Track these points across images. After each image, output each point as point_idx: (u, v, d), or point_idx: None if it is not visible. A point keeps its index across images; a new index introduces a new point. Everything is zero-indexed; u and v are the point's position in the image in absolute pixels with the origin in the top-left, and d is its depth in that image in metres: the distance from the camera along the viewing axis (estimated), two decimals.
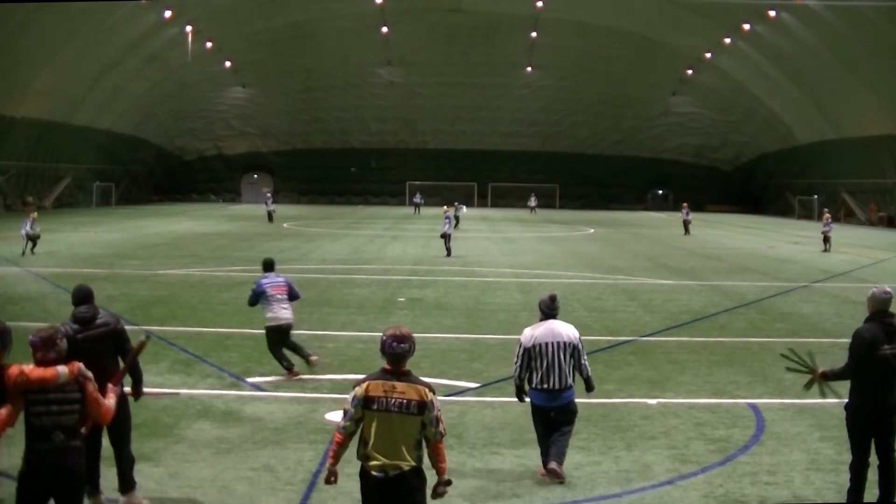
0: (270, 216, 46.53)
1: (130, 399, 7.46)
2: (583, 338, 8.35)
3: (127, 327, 7.47)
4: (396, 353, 5.44)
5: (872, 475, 7.21)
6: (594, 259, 29.32)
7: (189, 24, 57.71)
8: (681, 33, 62.32)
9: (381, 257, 28.34)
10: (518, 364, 8.06)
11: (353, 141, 77.82)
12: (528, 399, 8.17)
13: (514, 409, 10.12)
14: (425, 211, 59.53)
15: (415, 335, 5.66)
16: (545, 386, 7.95)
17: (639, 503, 7.51)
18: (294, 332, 11.88)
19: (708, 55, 65.24)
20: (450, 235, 28.73)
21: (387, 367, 5.48)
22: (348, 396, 5.50)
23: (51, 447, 5.45)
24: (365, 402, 5.38)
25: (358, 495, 5.60)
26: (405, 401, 5.34)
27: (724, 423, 9.79)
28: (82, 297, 7.27)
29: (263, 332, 11.66)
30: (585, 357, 8.22)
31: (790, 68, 60.09)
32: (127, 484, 7.15)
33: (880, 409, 7.01)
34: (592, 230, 46.20)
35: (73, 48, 50.44)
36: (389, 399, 5.34)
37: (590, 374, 8.27)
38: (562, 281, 22.60)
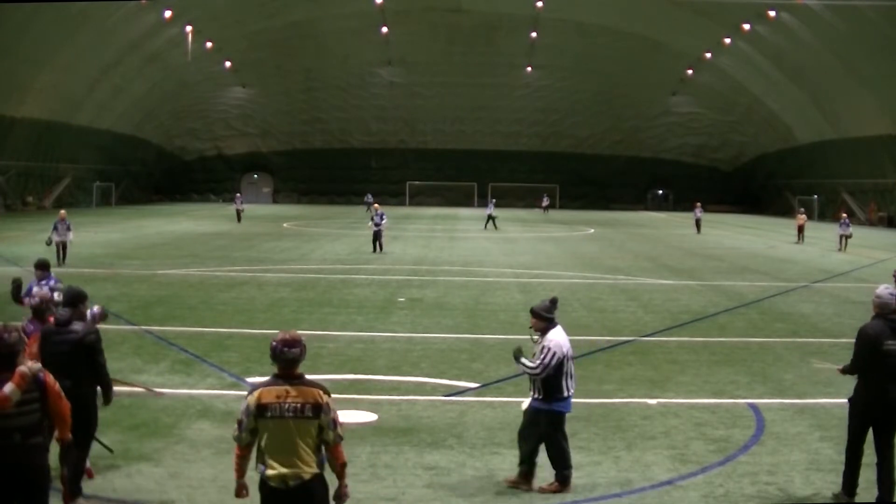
0: (239, 215, 46.10)
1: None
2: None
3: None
4: (287, 358, 5.23)
5: (872, 475, 7.22)
6: (594, 259, 29.30)
7: (189, 24, 57.71)
8: (681, 33, 62.29)
9: (381, 257, 28.32)
10: (546, 367, 7.51)
11: (353, 141, 77.78)
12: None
13: (514, 409, 10.10)
14: (425, 211, 59.47)
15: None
16: (572, 392, 7.84)
17: (639, 503, 7.51)
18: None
19: (708, 55, 65.22)
20: (382, 232, 29.70)
21: (278, 372, 5.27)
22: (240, 407, 5.27)
23: (8, 443, 5.29)
24: (258, 411, 5.16)
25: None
26: (299, 405, 5.15)
27: (724, 423, 9.79)
28: (69, 299, 7.36)
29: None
30: None
31: (790, 68, 60.07)
32: (73, 492, 6.66)
33: (885, 404, 7.09)
34: (592, 230, 46.18)
35: (73, 48, 50.39)
36: (283, 405, 5.15)
37: None
38: (562, 281, 22.59)
